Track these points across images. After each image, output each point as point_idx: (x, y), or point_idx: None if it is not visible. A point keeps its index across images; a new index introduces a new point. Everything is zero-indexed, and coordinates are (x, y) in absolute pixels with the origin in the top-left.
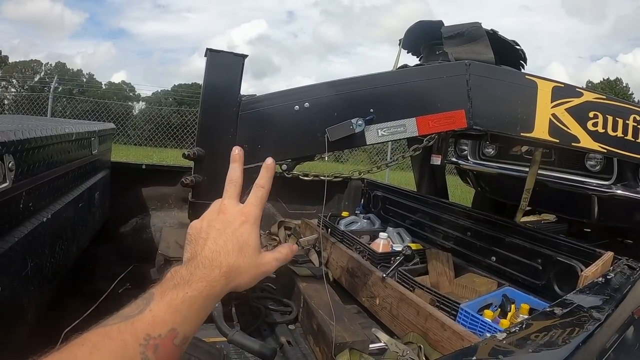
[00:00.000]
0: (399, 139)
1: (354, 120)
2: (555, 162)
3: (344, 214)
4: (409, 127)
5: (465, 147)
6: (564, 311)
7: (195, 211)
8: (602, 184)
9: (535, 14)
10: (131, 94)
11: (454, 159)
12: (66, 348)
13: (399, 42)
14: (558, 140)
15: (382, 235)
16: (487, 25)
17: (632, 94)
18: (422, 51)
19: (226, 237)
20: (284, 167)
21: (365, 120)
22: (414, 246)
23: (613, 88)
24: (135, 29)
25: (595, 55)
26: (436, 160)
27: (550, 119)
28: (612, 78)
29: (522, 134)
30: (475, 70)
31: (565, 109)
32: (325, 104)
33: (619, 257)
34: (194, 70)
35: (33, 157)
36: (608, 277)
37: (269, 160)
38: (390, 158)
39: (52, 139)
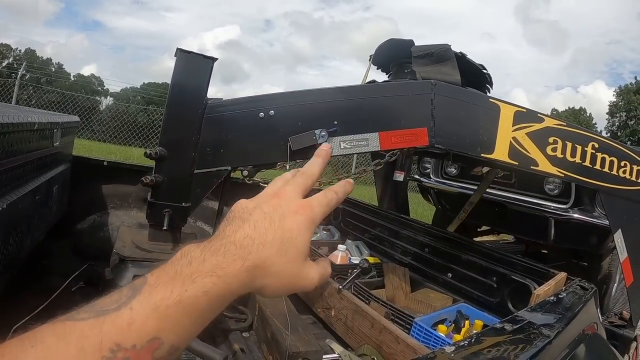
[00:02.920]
0: (362, 152)
1: (317, 131)
2: (515, 184)
3: None
4: (372, 141)
5: (428, 165)
6: (514, 327)
7: (154, 212)
8: (559, 207)
9: (502, 42)
10: (99, 88)
11: (416, 176)
12: (11, 347)
13: (369, 57)
14: (517, 163)
15: (341, 247)
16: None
17: (595, 123)
18: (392, 68)
19: (270, 223)
20: (245, 172)
21: (328, 131)
22: (371, 260)
23: (577, 117)
24: (111, 22)
25: (560, 84)
26: (399, 176)
27: (510, 142)
28: (572, 107)
29: (482, 154)
30: (441, 90)
31: (525, 133)
32: (290, 113)
33: (572, 278)
34: (164, 69)
35: None
36: (560, 296)
37: (342, 184)
38: (354, 172)
39: (12, 126)
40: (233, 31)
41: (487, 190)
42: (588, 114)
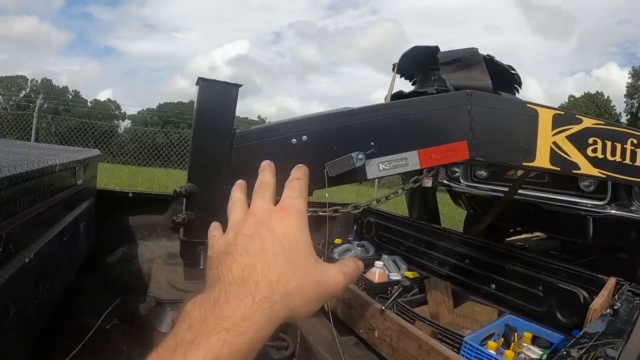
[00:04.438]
0: (401, 173)
1: (354, 155)
2: (549, 183)
3: (337, 240)
4: (411, 160)
5: (457, 170)
6: (580, 353)
7: (188, 250)
8: (596, 204)
9: (508, 34)
10: (117, 112)
11: (445, 181)
12: None
13: (393, 67)
14: (559, 168)
15: (378, 264)
16: (465, 45)
17: (614, 106)
18: (417, 76)
19: (262, 240)
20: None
21: (366, 154)
22: (410, 274)
23: (595, 101)
24: (123, 47)
25: (573, 70)
26: (427, 182)
27: (551, 147)
28: (587, 92)
29: (524, 163)
30: (477, 99)
31: (565, 137)
32: (324, 137)
33: (622, 282)
34: (178, 89)
35: (14, 193)
36: (615, 307)
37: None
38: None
39: (34, 173)
40: (242, 46)
41: (519, 191)
42: (605, 97)
